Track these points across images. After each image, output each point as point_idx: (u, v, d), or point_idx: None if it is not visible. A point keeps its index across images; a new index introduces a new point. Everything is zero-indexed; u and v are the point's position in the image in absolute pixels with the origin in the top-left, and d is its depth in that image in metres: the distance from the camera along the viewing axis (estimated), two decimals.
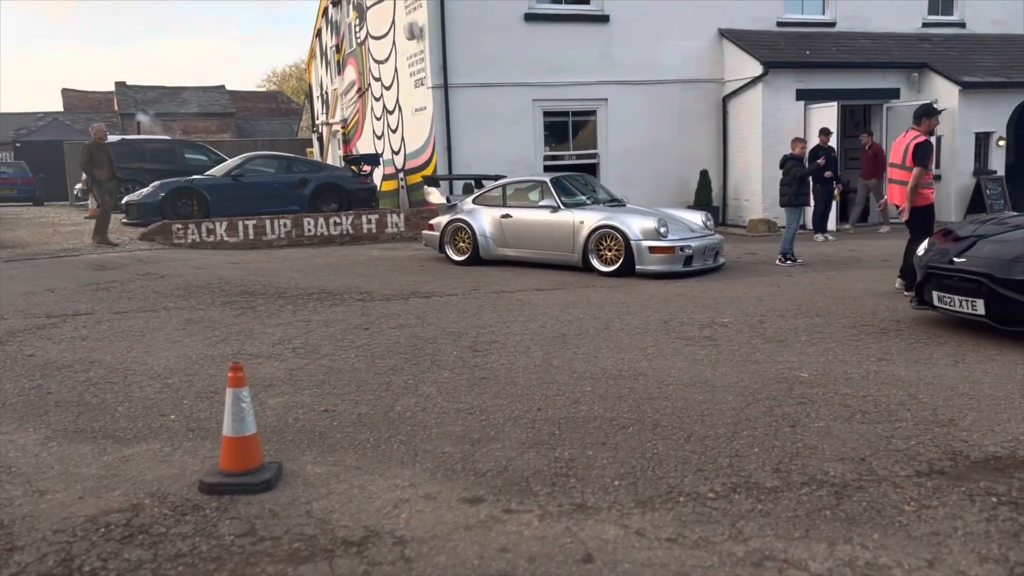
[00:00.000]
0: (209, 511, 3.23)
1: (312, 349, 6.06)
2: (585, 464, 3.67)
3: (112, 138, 22.14)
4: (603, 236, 10.07)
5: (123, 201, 15.64)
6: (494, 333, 6.59)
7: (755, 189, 15.68)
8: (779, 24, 16.70)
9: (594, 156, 16.20)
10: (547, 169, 15.28)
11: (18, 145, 36.93)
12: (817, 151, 12.82)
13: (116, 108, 47.06)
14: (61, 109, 49.49)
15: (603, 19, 15.67)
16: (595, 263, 10.13)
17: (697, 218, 10.80)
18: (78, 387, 5.03)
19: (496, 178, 12.21)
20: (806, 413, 4.34)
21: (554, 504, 3.25)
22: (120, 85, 48.75)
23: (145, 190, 15.45)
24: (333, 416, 4.44)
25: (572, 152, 16.27)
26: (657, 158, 15.98)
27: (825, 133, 13.45)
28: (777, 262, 10.69)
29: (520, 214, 10.89)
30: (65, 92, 51.04)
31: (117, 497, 3.36)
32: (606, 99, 15.88)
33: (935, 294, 6.38)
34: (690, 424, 4.21)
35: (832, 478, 3.45)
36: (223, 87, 52.02)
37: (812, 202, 12.65)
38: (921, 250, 6.92)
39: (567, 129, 16.24)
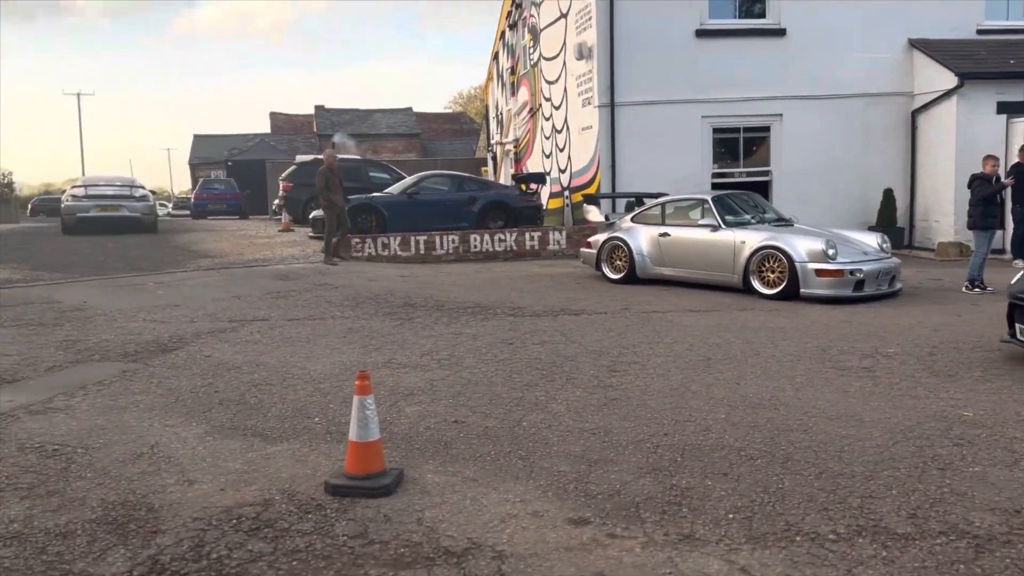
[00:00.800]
0: (330, 511, 3.42)
1: (456, 361, 6.25)
2: (701, 494, 3.55)
3: (306, 157, 23.96)
4: (766, 257, 9.68)
5: (311, 216, 16.86)
6: (636, 354, 6.50)
7: (946, 210, 14.47)
8: (980, 32, 15.38)
9: (766, 174, 15.62)
10: (715, 187, 14.88)
11: (229, 164, 40.75)
12: (1019, 169, 11.64)
13: (315, 129, 50.77)
14: (268, 131, 54.13)
15: (779, 32, 15.12)
16: (756, 285, 9.75)
17: (872, 240, 10.13)
18: (242, 387, 5.48)
19: (657, 196, 12.06)
20: (961, 456, 3.96)
21: (660, 533, 3.17)
22: (319, 108, 52.57)
23: None
24: (461, 427, 4.56)
25: (743, 170, 15.77)
26: (835, 176, 15.16)
27: None
28: (963, 289, 9.81)
29: (679, 233, 10.69)
30: (272, 115, 55.79)
31: (253, 492, 3.63)
32: (781, 115, 15.29)
33: (1017, 326, 5.94)
34: (825, 460, 3.96)
35: (976, 529, 3.13)
36: (410, 109, 54.79)
37: (1007, 225, 11.49)
38: (1015, 278, 6.36)
39: (738, 146, 15.76)
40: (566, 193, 17.21)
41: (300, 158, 24.19)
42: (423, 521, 3.31)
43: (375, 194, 16.94)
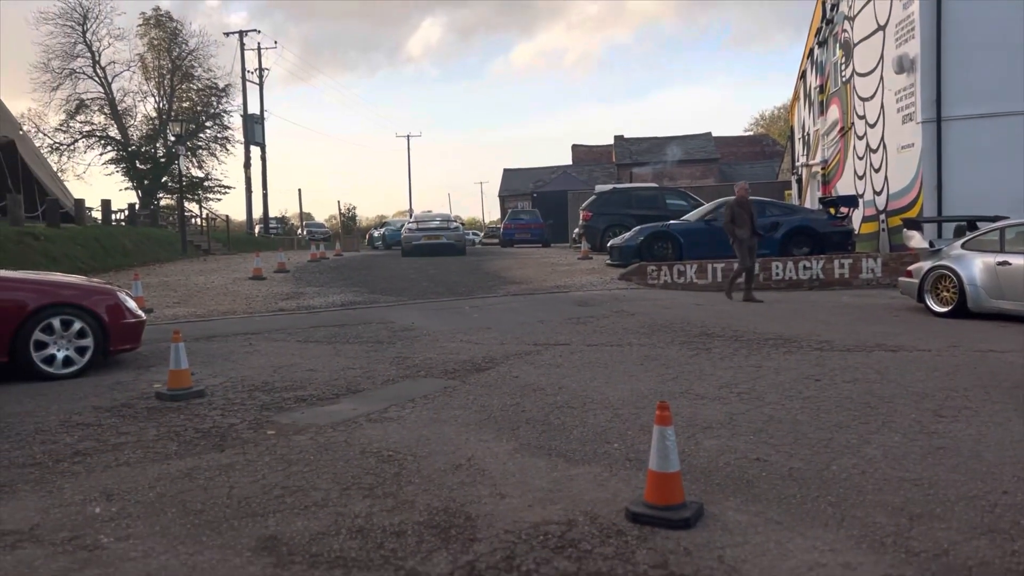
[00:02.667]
0: (630, 538, 3.48)
1: (757, 396, 6.04)
2: None
3: (604, 187, 24.67)
4: None
5: (608, 245, 17.31)
6: (967, 398, 5.81)
7: None
8: None
9: None
10: None
11: (534, 195, 43.18)
12: None
13: (614, 159, 52.11)
14: (570, 162, 56.58)
15: None
16: None
17: None
18: (546, 408, 5.78)
19: (994, 220, 10.70)
20: None
21: None
22: (618, 139, 53.93)
23: (627, 234, 16.89)
24: (764, 466, 4.40)
25: None
26: None
27: None
28: None
29: (1022, 261, 9.38)
30: (574, 147, 58.26)
31: (557, 510, 3.81)
32: None
33: None
34: None
35: None
36: (709, 134, 54.19)
37: None
38: None
39: None
40: (882, 217, 15.91)
41: (599, 188, 24.96)
42: (724, 559, 3.25)
43: (672, 221, 16.97)
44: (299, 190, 66.45)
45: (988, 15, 13.24)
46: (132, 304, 7.88)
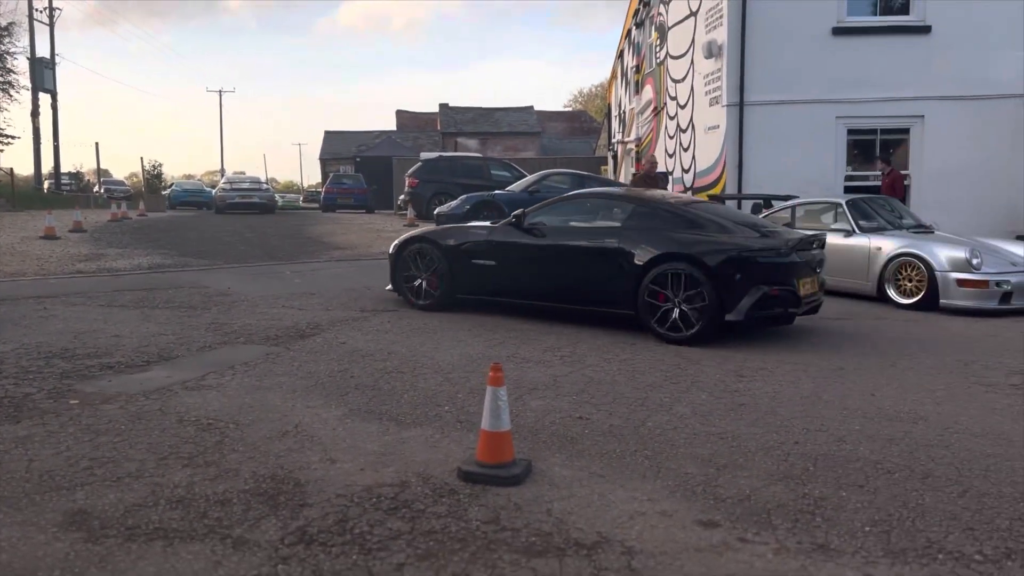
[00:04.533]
0: (462, 496, 3.55)
1: (578, 359, 6.31)
2: (835, 505, 3.47)
3: (430, 155, 24.59)
4: (903, 265, 9.28)
5: (435, 212, 17.31)
6: (764, 360, 6.38)
7: None
8: None
9: (904, 178, 14.87)
10: (848, 191, 14.31)
11: (358, 160, 42.25)
12: None
13: (439, 127, 51.92)
14: (395, 128, 55.76)
15: (924, 30, 14.37)
16: (892, 294, 9.36)
17: (1021, 250, 9.52)
18: (375, 374, 5.73)
19: (786, 198, 11.73)
20: None
21: (793, 540, 3.13)
22: (443, 106, 53.73)
23: (454, 203, 16.97)
24: (586, 424, 4.62)
25: (877, 173, 15.07)
26: (981, 181, 14.28)
27: None
28: None
29: None
30: (399, 113, 57.43)
31: (390, 473, 3.81)
32: (922, 116, 14.54)
33: None
34: (969, 478, 3.79)
35: None
36: (531, 107, 55.19)
37: None
38: None
39: (873, 148, 15.09)
40: (689, 193, 16.95)
41: (424, 155, 24.84)
42: (552, 512, 3.39)
43: (496, 191, 17.22)
44: (96, 144, 61.05)
45: (789, 10, 14.38)
46: None
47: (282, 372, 5.73)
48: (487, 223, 9.28)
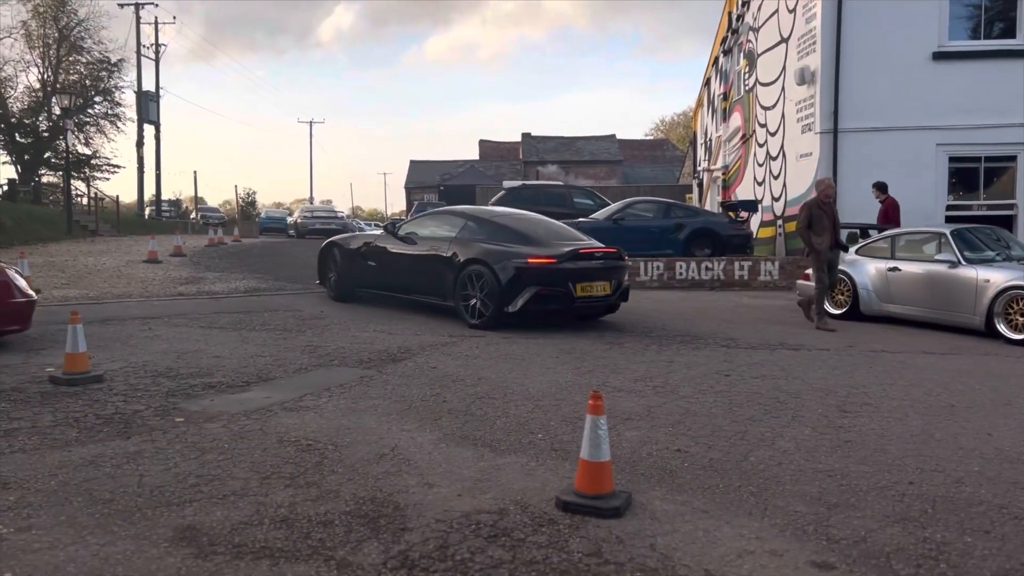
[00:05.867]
0: (562, 527, 3.48)
1: (671, 389, 6.18)
2: (960, 551, 3.26)
3: (512, 183, 24.75)
4: (1014, 298, 8.79)
5: None
6: (867, 395, 6.11)
7: None
8: None
9: (1010, 207, 14.23)
10: (949, 220, 13.74)
11: (441, 188, 42.95)
12: None
13: (521, 156, 52.36)
14: (477, 157, 56.55)
15: None
16: (1002, 328, 8.88)
17: None
18: (467, 399, 5.73)
19: (881, 229, 11.31)
20: None
21: None
22: (526, 136, 54.21)
23: None
24: (685, 457, 4.49)
25: (982, 202, 14.45)
26: None
27: None
28: None
29: (911, 268, 9.96)
30: (481, 143, 58.26)
31: (488, 500, 3.78)
32: None
33: None
34: None
35: None
36: (613, 136, 55.17)
37: None
38: None
39: (977, 177, 14.48)
40: (780, 222, 16.58)
41: (508, 183, 25.00)
42: (656, 547, 3.29)
43: (581, 220, 17.17)
44: (194, 172, 63.84)
45: (886, 34, 13.99)
46: (22, 282, 7.37)
47: (376, 395, 5.79)
48: (377, 231, 11.58)
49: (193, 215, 51.82)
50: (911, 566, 3.12)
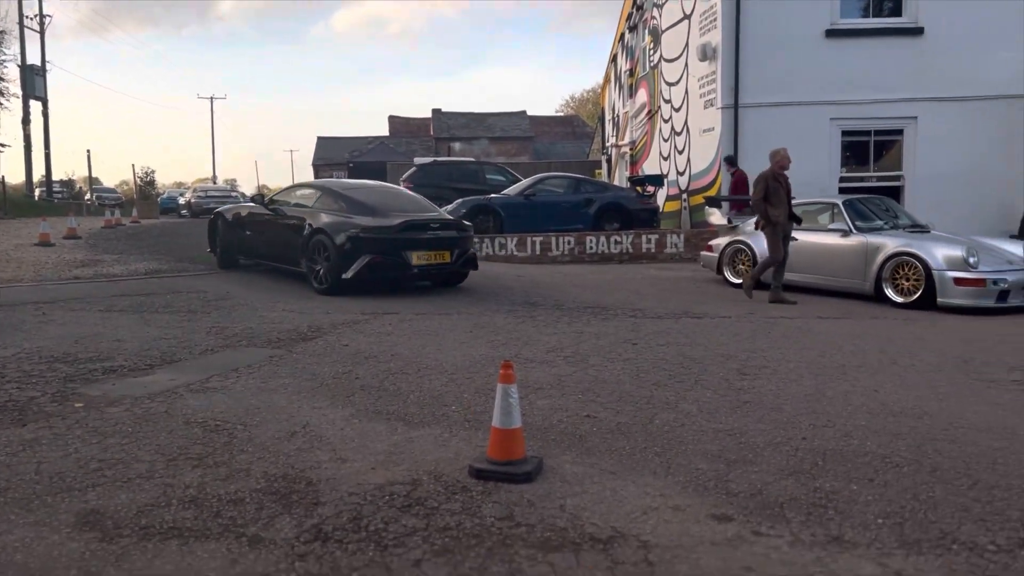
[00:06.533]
0: (475, 493, 3.55)
1: (581, 359, 6.32)
2: (847, 498, 3.49)
3: (424, 160, 24.56)
4: (900, 264, 9.32)
5: None
6: (765, 358, 6.41)
7: None
8: None
9: (898, 179, 15.01)
10: (842, 191, 14.41)
11: (351, 165, 42.21)
12: None
13: (432, 133, 51.95)
14: (387, 134, 55.76)
15: (916, 31, 14.50)
16: (889, 293, 9.41)
17: (1018, 249, 9.59)
18: (380, 375, 5.73)
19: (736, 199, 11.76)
20: None
21: (807, 533, 3.14)
22: (436, 112, 53.75)
23: (449, 207, 16.94)
24: (594, 422, 4.63)
25: (872, 174, 15.20)
26: (974, 182, 14.40)
27: None
28: None
29: (807, 237, 10.42)
30: (391, 119, 57.45)
31: (401, 471, 3.81)
32: (915, 117, 14.66)
33: None
34: (977, 471, 3.81)
35: None
36: (524, 112, 55.28)
37: None
38: None
39: (867, 150, 15.20)
40: (684, 196, 17.02)
41: (418, 160, 24.85)
42: (566, 508, 3.39)
43: (493, 195, 17.24)
44: (88, 151, 60.81)
45: (782, 12, 14.47)
46: None
47: (286, 374, 5.72)
48: (250, 203, 12.07)
49: (88, 196, 49.39)
50: (802, 514, 3.32)
